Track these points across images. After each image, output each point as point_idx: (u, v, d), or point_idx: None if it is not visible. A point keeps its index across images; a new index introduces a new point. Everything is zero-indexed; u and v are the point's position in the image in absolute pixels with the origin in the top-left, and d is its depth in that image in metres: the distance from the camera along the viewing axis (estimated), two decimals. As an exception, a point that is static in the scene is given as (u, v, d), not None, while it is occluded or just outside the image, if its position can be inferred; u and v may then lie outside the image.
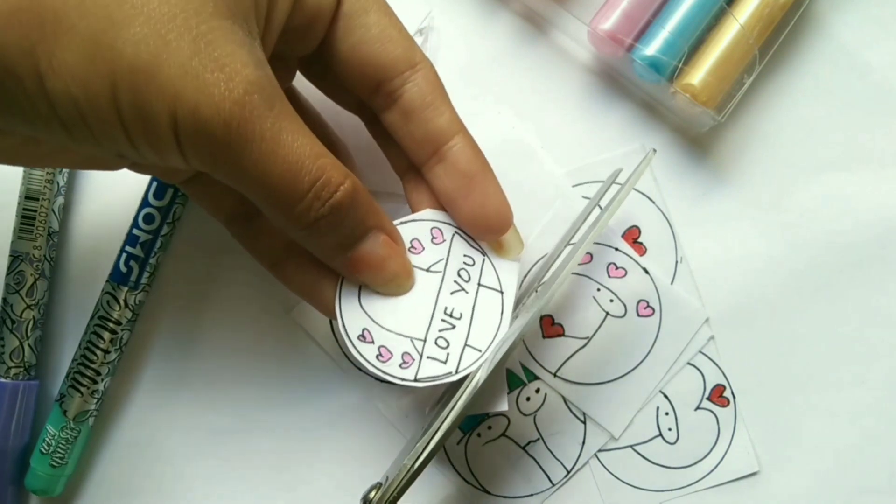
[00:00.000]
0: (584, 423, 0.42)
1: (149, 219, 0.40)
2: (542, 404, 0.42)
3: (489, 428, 0.42)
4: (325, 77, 0.37)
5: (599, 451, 0.42)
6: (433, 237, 0.35)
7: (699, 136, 0.42)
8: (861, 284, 0.42)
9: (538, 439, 0.42)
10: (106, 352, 0.40)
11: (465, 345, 0.34)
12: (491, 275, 0.35)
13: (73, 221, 0.42)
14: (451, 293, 0.34)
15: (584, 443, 0.42)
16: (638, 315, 0.42)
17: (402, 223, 0.35)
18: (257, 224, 0.36)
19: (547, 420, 0.42)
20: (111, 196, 0.42)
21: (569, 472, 0.41)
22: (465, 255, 0.35)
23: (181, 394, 0.42)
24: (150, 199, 0.40)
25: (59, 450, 0.39)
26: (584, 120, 0.42)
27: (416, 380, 0.33)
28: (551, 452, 0.41)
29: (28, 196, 0.40)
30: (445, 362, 0.34)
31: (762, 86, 0.43)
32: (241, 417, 0.42)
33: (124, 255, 0.40)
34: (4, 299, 0.40)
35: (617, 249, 0.42)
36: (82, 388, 0.40)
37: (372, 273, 0.33)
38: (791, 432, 0.42)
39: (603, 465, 0.42)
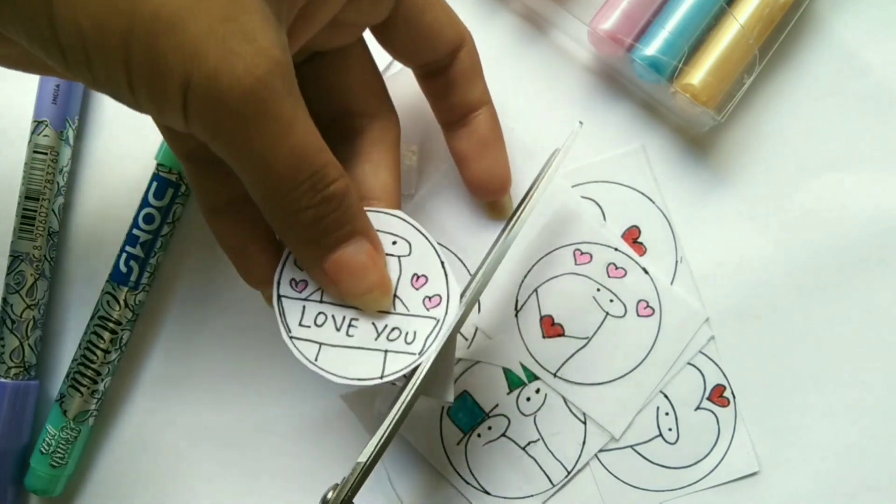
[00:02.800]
0: (585, 423, 0.42)
1: (149, 219, 0.40)
2: (543, 404, 0.42)
3: (489, 428, 0.42)
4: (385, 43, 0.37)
5: (600, 451, 0.42)
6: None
7: (699, 136, 0.42)
8: (861, 284, 0.42)
9: (538, 440, 0.42)
10: (106, 352, 0.40)
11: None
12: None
13: (73, 221, 0.42)
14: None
15: (584, 443, 0.42)
16: (638, 315, 0.42)
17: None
18: (213, 169, 0.34)
19: (547, 420, 0.42)
20: (111, 196, 0.42)
21: (569, 473, 0.41)
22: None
23: (181, 394, 0.42)
24: (150, 199, 0.40)
25: (59, 450, 0.40)
26: (583, 120, 0.42)
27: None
28: (552, 453, 0.41)
29: (28, 196, 0.40)
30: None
31: (762, 86, 0.43)
32: (240, 418, 0.42)
33: (124, 255, 0.40)
34: (4, 299, 0.40)
35: (616, 250, 0.42)
36: (82, 389, 0.40)
37: (349, 280, 0.32)
38: (791, 432, 0.42)
39: (603, 465, 0.42)
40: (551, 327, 0.42)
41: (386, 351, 0.34)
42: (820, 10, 0.43)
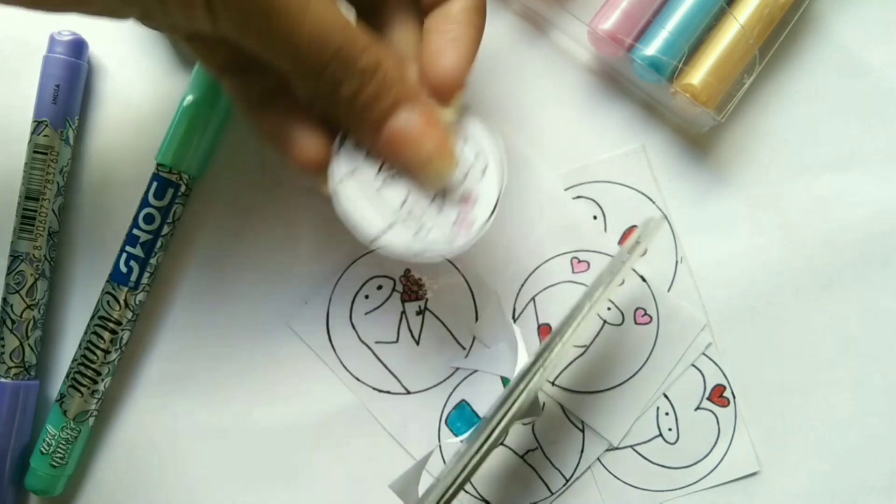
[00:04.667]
0: (583, 431, 0.42)
1: (149, 219, 0.40)
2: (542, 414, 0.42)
3: None
4: None
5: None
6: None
7: (699, 136, 0.42)
8: (861, 284, 0.42)
9: (537, 448, 0.42)
10: (106, 352, 0.40)
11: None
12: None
13: (73, 221, 0.42)
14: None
15: (582, 451, 0.42)
16: (635, 323, 0.42)
17: None
18: (245, 75, 0.35)
19: (545, 429, 0.42)
20: (111, 196, 0.42)
21: (567, 481, 0.41)
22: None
23: (181, 394, 0.42)
24: (151, 199, 0.40)
25: (59, 450, 0.39)
26: (584, 120, 0.42)
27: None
28: (550, 461, 0.41)
29: (28, 196, 0.40)
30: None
31: (762, 86, 0.43)
32: (241, 418, 0.42)
33: (124, 255, 0.40)
34: (4, 299, 0.40)
35: (616, 257, 0.42)
36: (82, 388, 0.40)
37: (406, 151, 0.32)
38: (791, 432, 0.42)
39: (603, 465, 0.42)
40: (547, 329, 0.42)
41: (393, 223, 0.33)
42: (820, 10, 0.43)
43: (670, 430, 0.42)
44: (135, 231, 0.40)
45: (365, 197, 0.33)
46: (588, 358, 0.42)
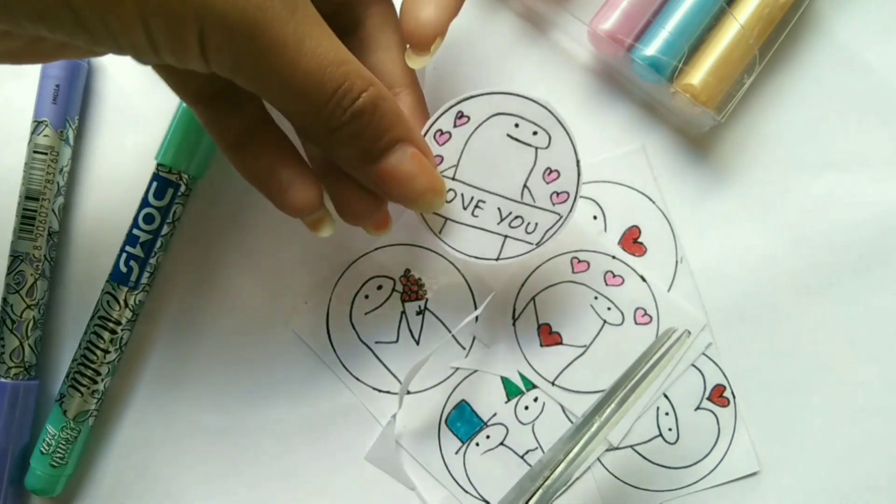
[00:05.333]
0: None
1: (149, 219, 0.40)
2: (541, 413, 0.42)
3: (487, 437, 0.42)
4: None
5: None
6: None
7: (699, 136, 0.42)
8: (861, 284, 0.42)
9: (537, 448, 0.42)
10: (106, 352, 0.40)
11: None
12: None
13: (73, 221, 0.42)
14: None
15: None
16: (636, 323, 0.42)
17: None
18: (224, 104, 0.34)
19: (545, 429, 0.42)
20: (111, 196, 0.42)
21: (568, 483, 0.41)
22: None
23: (181, 394, 0.42)
24: (151, 199, 0.40)
25: (58, 450, 0.39)
26: (584, 120, 0.42)
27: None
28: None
29: (28, 196, 0.40)
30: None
31: (762, 86, 0.43)
32: (240, 418, 0.42)
33: (124, 255, 0.40)
34: (4, 299, 0.40)
35: (614, 258, 0.42)
36: (82, 388, 0.40)
37: (399, 188, 0.33)
38: (791, 432, 0.42)
39: (603, 464, 0.42)
40: (549, 335, 0.42)
41: (506, 236, 0.36)
42: (820, 10, 0.43)
43: (670, 430, 0.42)
44: (135, 231, 0.40)
45: (466, 232, 0.36)
46: (588, 358, 0.42)
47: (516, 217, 0.36)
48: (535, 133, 0.36)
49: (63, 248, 0.42)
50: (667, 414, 0.42)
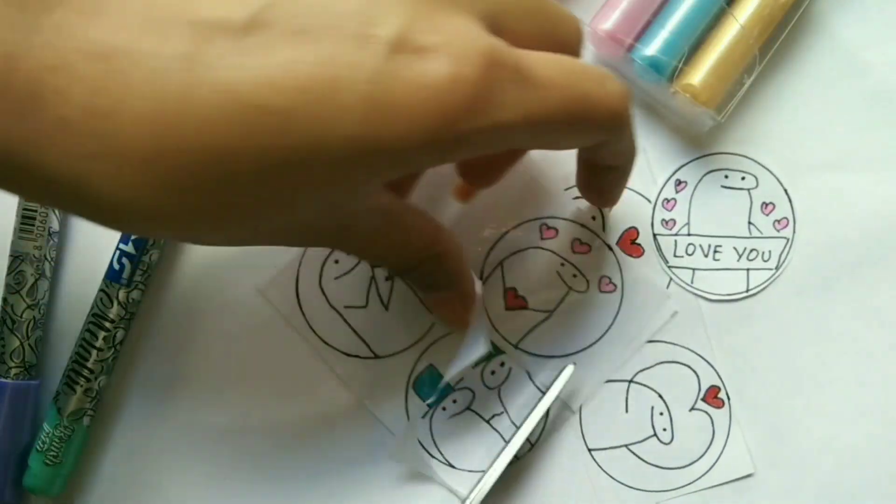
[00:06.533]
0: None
1: (143, 216, 0.40)
2: (507, 378, 0.42)
3: (454, 402, 0.42)
4: None
5: (594, 449, 0.42)
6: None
7: (699, 136, 0.42)
8: (860, 284, 0.42)
9: (503, 412, 0.42)
10: (100, 350, 0.40)
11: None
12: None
13: (74, 221, 0.42)
14: None
15: (547, 416, 0.42)
16: (600, 291, 0.42)
17: None
18: None
19: (512, 393, 0.42)
20: (110, 196, 0.42)
21: (532, 446, 0.42)
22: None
23: (181, 393, 0.42)
24: (146, 196, 0.40)
25: (52, 448, 0.40)
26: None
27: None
28: (515, 426, 0.41)
29: (28, 196, 0.40)
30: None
31: (762, 86, 0.42)
32: (239, 416, 0.42)
33: (118, 252, 0.40)
34: (5, 299, 0.40)
35: (583, 226, 0.42)
36: (76, 387, 0.40)
37: (439, 316, 0.41)
38: (787, 434, 0.42)
39: (597, 463, 0.42)
40: (514, 299, 0.42)
41: (748, 269, 0.41)
42: (820, 10, 0.43)
43: (665, 430, 0.42)
44: (129, 228, 0.40)
45: (712, 276, 0.42)
46: (552, 323, 0.42)
47: (751, 251, 0.42)
48: (742, 178, 0.42)
49: (64, 248, 0.42)
50: (661, 414, 0.42)
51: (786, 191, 0.42)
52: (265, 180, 0.24)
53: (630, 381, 0.42)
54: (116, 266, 0.40)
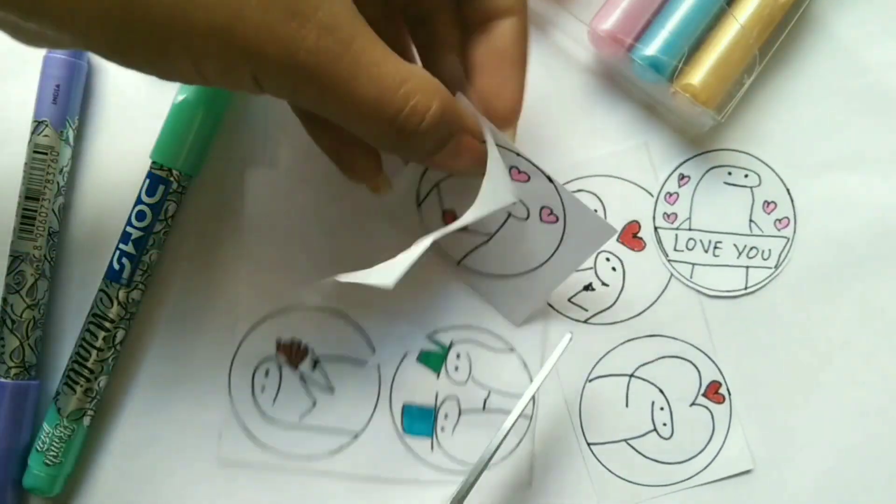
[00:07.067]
0: (513, 350, 0.42)
1: (141, 216, 0.40)
2: (471, 363, 0.42)
3: (446, 417, 0.42)
4: None
5: (593, 444, 0.42)
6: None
7: (699, 135, 0.43)
8: (861, 284, 0.43)
9: (489, 392, 0.42)
10: (99, 350, 0.40)
11: None
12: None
13: (73, 221, 0.42)
14: None
15: (525, 366, 0.42)
16: (541, 220, 0.40)
17: None
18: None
19: (483, 373, 0.42)
20: (111, 196, 0.42)
21: (534, 400, 0.42)
22: None
23: (180, 393, 0.42)
24: (143, 196, 0.40)
25: (52, 448, 0.40)
26: (584, 120, 0.42)
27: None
28: (505, 394, 0.42)
29: (28, 196, 0.40)
30: None
31: (762, 86, 0.43)
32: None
33: (117, 252, 0.40)
34: (4, 299, 0.40)
35: (518, 155, 0.39)
36: (76, 387, 0.40)
37: (451, 169, 0.37)
38: (786, 431, 0.42)
39: (597, 458, 0.42)
40: (454, 221, 0.38)
41: (747, 267, 0.42)
42: (820, 10, 0.43)
43: (665, 425, 0.42)
44: (128, 228, 0.40)
45: (711, 271, 0.42)
46: (492, 246, 0.41)
47: (751, 248, 0.42)
48: (746, 176, 0.42)
49: (63, 248, 0.42)
50: (661, 409, 0.42)
51: (788, 190, 0.43)
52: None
53: (631, 376, 0.42)
54: (116, 266, 0.40)
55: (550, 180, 0.39)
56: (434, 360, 0.42)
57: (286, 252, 0.42)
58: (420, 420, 0.42)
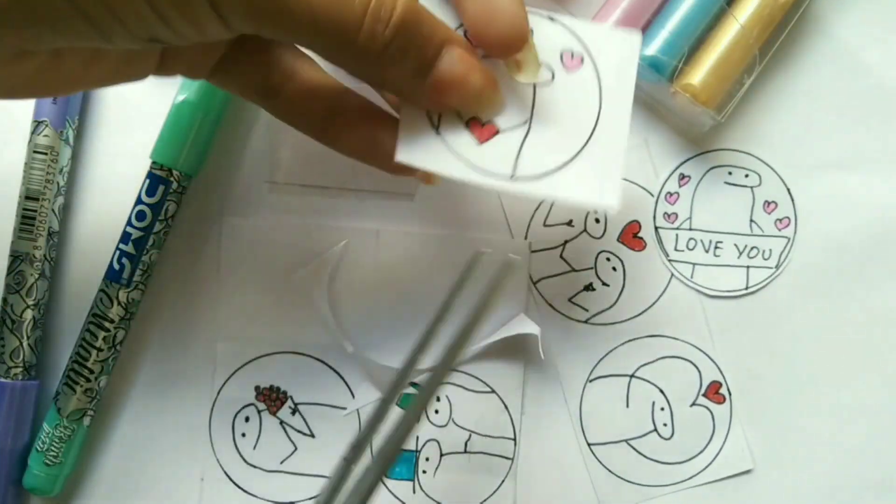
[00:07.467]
0: (493, 392, 0.42)
1: (141, 216, 0.40)
2: (451, 404, 0.42)
3: (427, 460, 0.42)
4: None
5: (594, 444, 0.42)
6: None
7: (699, 135, 0.43)
8: (859, 284, 0.43)
9: (470, 435, 0.42)
10: (99, 350, 0.40)
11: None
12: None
13: (73, 221, 0.42)
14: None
15: (506, 409, 0.42)
16: (567, 70, 0.34)
17: None
18: (291, 92, 0.33)
19: (461, 413, 0.42)
20: (111, 196, 0.42)
21: (515, 441, 0.42)
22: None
23: (180, 393, 0.42)
24: (143, 196, 0.40)
25: (52, 448, 0.40)
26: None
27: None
28: (487, 436, 0.42)
29: (28, 196, 0.40)
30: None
31: (762, 86, 0.43)
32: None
33: (118, 252, 0.40)
34: (4, 299, 0.40)
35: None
36: (76, 387, 0.40)
37: (458, 92, 0.31)
38: (787, 431, 0.42)
39: (597, 458, 0.42)
40: (482, 129, 0.33)
41: (748, 267, 0.42)
42: (820, 10, 0.43)
43: (665, 425, 0.42)
44: (128, 228, 0.40)
45: (713, 271, 0.42)
46: (536, 133, 0.33)
47: (752, 248, 0.42)
48: (746, 175, 0.42)
49: (63, 248, 0.42)
50: (662, 409, 0.42)
51: (788, 190, 0.43)
52: None
53: (631, 376, 0.42)
54: (116, 266, 0.40)
55: (552, 20, 0.34)
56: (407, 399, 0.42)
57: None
58: (401, 463, 0.42)
